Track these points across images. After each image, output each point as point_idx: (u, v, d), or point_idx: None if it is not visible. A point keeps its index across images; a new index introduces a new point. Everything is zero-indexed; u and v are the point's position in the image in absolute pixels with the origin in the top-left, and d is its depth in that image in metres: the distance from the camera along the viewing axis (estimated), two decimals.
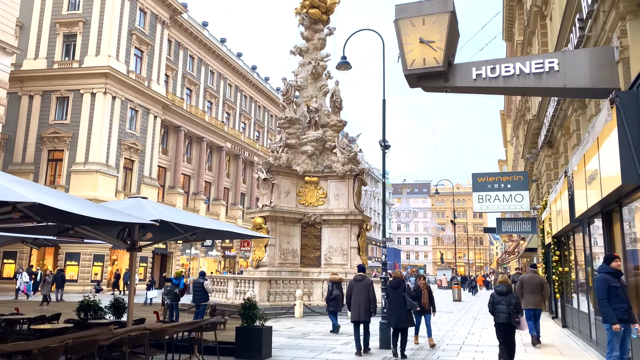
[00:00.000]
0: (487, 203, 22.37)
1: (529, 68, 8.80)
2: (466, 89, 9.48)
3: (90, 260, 32.95)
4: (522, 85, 8.92)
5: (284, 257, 21.69)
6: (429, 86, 9.53)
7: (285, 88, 23.60)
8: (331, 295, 13.77)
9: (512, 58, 9.13)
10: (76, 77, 34.83)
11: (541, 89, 8.98)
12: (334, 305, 13.66)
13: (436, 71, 9.10)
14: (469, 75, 9.20)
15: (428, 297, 11.99)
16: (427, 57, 9.12)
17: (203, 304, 14.47)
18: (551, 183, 18.03)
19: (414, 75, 9.31)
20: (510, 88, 9.18)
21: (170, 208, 8.59)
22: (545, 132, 17.28)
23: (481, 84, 9.16)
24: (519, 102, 31.55)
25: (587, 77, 8.49)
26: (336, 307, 13.68)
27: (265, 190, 22.27)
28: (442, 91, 9.65)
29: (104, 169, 33.96)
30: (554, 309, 18.04)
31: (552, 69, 8.64)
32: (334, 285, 13.97)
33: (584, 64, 8.50)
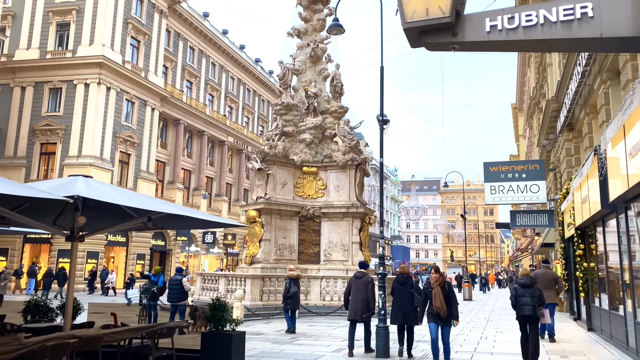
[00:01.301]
0: (500, 194, 20.66)
1: (556, 15, 7.10)
2: (478, 45, 7.79)
3: (83, 257, 31.60)
4: (548, 36, 7.22)
5: (280, 253, 20.12)
6: (433, 43, 7.82)
7: (281, 72, 22.01)
8: (288, 293, 13.10)
9: (534, 4, 7.53)
10: (69, 68, 33.49)
11: (571, 40, 7.28)
12: (292, 304, 13.01)
13: (442, 23, 7.40)
14: (482, 27, 7.50)
15: (445, 299, 8.20)
16: (430, 7, 7.43)
17: (181, 303, 12.95)
18: (572, 170, 16.33)
19: (415, 30, 7.62)
20: (532, 42, 7.48)
21: (117, 188, 7.07)
22: (565, 114, 15.57)
23: (496, 37, 7.47)
24: (533, 89, 29.75)
25: (629, 24, 6.80)
26: (294, 306, 13.07)
27: (260, 182, 20.72)
28: (449, 49, 7.94)
29: (98, 162, 32.59)
30: (575, 309, 16.31)
31: (585, 15, 6.93)
32: (291, 282, 13.25)
33: (626, 8, 6.82)
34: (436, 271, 8.52)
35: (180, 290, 12.91)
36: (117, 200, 6.23)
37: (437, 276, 8.38)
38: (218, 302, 7.98)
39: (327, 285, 18.82)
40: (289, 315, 13.04)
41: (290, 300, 13.08)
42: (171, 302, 12.97)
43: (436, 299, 8.14)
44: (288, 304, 13.07)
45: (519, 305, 8.63)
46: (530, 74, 34.18)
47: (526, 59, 35.66)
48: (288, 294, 13.11)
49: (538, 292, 8.65)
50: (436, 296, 8.16)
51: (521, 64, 42.21)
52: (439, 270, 8.58)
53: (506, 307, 22.56)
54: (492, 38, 7.50)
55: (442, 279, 8.35)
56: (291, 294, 13.07)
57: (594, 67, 12.20)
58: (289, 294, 13.10)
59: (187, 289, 13.09)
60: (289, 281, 13.42)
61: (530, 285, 8.72)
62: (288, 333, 12.64)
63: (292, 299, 13.07)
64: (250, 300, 17.09)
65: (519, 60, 42.78)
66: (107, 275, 29.32)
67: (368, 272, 10.68)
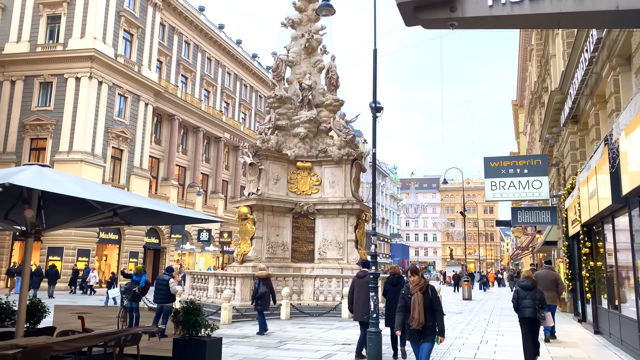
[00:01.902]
0: (500, 190, 19.90)
1: None
2: (479, 21, 7.03)
3: (74, 255, 30.86)
4: (557, 10, 6.49)
5: (273, 251, 19.38)
6: (429, 19, 7.07)
7: (275, 63, 21.25)
8: (257, 293, 12.68)
9: None
10: (60, 61, 32.69)
11: (583, 14, 6.54)
12: (262, 304, 12.54)
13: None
14: (484, 1, 6.82)
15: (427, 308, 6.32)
16: None
17: (167, 305, 12.20)
18: (577, 164, 15.58)
19: (410, 4, 6.89)
20: (539, 16, 6.73)
21: (76, 179, 6.32)
22: (570, 105, 14.81)
23: (500, 12, 6.73)
24: (534, 83, 29.00)
25: None
26: (264, 306, 12.61)
27: (252, 177, 19.98)
28: (447, 26, 7.18)
29: (89, 158, 31.82)
30: (580, 310, 15.58)
31: None
32: (260, 282, 12.79)
33: None
34: (413, 272, 6.59)
35: (167, 291, 12.15)
36: (70, 192, 5.48)
37: (417, 279, 6.49)
38: (192, 305, 7.24)
39: (321, 284, 18.08)
40: (261, 316, 12.53)
41: (259, 301, 12.62)
42: (157, 303, 12.23)
43: (415, 308, 6.26)
44: (258, 305, 12.62)
45: (520, 308, 8.66)
46: (531, 68, 33.41)
47: (527, 52, 34.90)
48: (257, 295, 12.67)
49: (539, 295, 8.65)
50: (415, 305, 6.28)
51: (522, 59, 41.47)
52: (417, 272, 6.61)
53: (507, 308, 21.83)
54: (495, 13, 6.77)
55: (424, 283, 6.49)
56: (260, 294, 12.61)
57: (602, 54, 11.45)
58: (257, 294, 12.66)
59: (174, 291, 12.32)
60: (257, 281, 12.97)
61: (531, 287, 8.72)
62: (260, 334, 12.20)
63: (262, 300, 12.61)
64: (240, 301, 16.36)
65: (520, 55, 42.03)
66: (88, 274, 28.24)
67: None
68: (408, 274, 6.60)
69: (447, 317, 17.06)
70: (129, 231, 34.96)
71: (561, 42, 17.56)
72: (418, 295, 6.35)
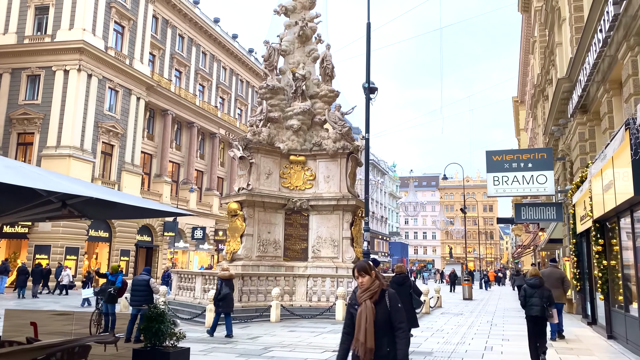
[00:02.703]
0: (503, 186, 18.96)
1: None
2: None
3: (62, 253, 29.85)
4: None
5: (264, 249, 18.41)
6: None
7: (267, 52, 20.25)
8: (219, 295, 12.10)
9: None
10: (48, 53, 31.66)
11: None
12: (224, 306, 11.95)
13: None
14: None
15: (378, 325, 4.02)
16: None
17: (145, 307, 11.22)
18: (586, 157, 14.62)
19: None
20: None
21: (10, 162, 5.36)
22: (579, 93, 13.83)
23: None
24: (537, 76, 28.05)
25: None
26: (227, 308, 12.02)
27: (243, 171, 19.01)
28: None
29: (78, 153, 30.82)
30: (589, 312, 14.62)
31: None
32: (222, 283, 12.18)
33: None
34: (362, 271, 4.15)
35: (146, 293, 11.18)
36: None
37: (367, 281, 4.12)
38: (155, 310, 6.28)
39: (314, 284, 17.12)
40: (228, 318, 11.99)
41: (221, 303, 12.01)
42: (133, 306, 11.25)
43: (360, 326, 3.99)
44: (219, 307, 12.03)
45: (528, 305, 8.65)
46: (534, 61, 32.44)
47: (530, 45, 33.94)
48: (219, 296, 12.07)
49: (547, 293, 8.66)
50: (361, 321, 3.99)
51: (524, 52, 40.50)
52: (367, 270, 4.15)
53: (510, 308, 20.90)
54: None
55: (377, 287, 4.11)
56: (222, 295, 11.99)
57: (617, 35, 10.48)
58: (219, 295, 12.06)
59: (156, 291, 11.36)
60: (220, 282, 12.29)
61: (539, 285, 8.72)
62: (229, 337, 11.65)
63: (224, 302, 11.99)
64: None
65: (522, 48, 41.06)
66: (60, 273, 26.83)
67: None
68: (354, 272, 4.20)
69: (448, 319, 16.17)
70: (119, 229, 33.99)
71: (569, 28, 16.59)
72: (367, 307, 4.00)
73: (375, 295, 4.09)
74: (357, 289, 4.22)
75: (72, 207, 6.04)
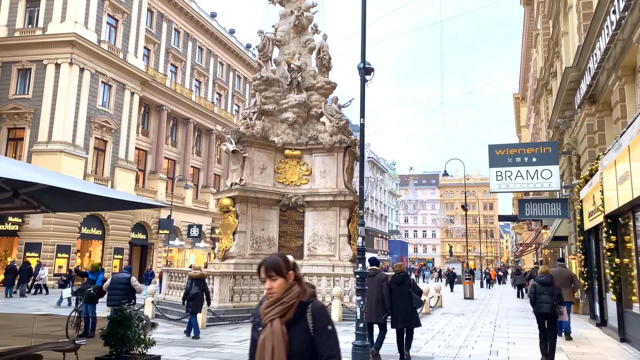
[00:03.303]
0: (506, 181, 18.27)
1: None
2: None
3: (53, 251, 29.13)
4: None
5: (258, 246, 17.69)
6: None
7: (261, 43, 19.50)
8: (187, 294, 11.82)
9: None
10: (39, 47, 30.91)
11: None
12: (193, 306, 11.60)
13: None
14: None
15: (293, 357, 2.65)
16: None
17: None
18: (594, 149, 13.90)
19: None
20: None
21: None
22: (588, 82, 13.11)
23: None
24: (540, 70, 27.30)
25: None
26: (195, 308, 11.68)
27: (235, 166, 18.27)
28: None
29: (70, 149, 30.08)
30: (598, 312, 13.91)
31: None
32: (192, 283, 11.82)
33: None
34: (272, 270, 2.74)
35: (126, 293, 10.46)
36: None
37: (278, 287, 2.70)
38: (121, 313, 5.56)
39: None
40: (194, 318, 11.61)
41: (191, 303, 11.65)
42: (112, 306, 10.51)
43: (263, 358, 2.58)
44: (189, 306, 11.66)
45: (538, 303, 8.69)
46: (536, 55, 31.71)
47: (532, 38, 33.21)
48: (188, 296, 11.73)
49: (557, 291, 8.69)
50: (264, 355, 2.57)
51: (526, 47, 39.75)
52: (279, 269, 2.73)
53: (513, 308, 20.20)
54: None
55: (295, 297, 2.68)
56: (191, 295, 11.61)
57: (632, 16, 9.76)
58: (188, 295, 11.71)
59: (139, 290, 10.64)
60: (190, 281, 11.88)
61: (550, 283, 8.76)
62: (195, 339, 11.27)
63: (194, 301, 11.63)
64: (219, 302, 14.67)
65: (524, 42, 40.31)
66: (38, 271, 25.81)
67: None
68: (260, 272, 2.79)
69: (449, 320, 15.46)
70: (113, 226, 33.26)
71: (576, 15, 15.86)
72: (274, 331, 2.59)
73: (290, 312, 2.62)
74: (264, 301, 2.74)
75: (27, 197, 5.32)
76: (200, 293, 11.76)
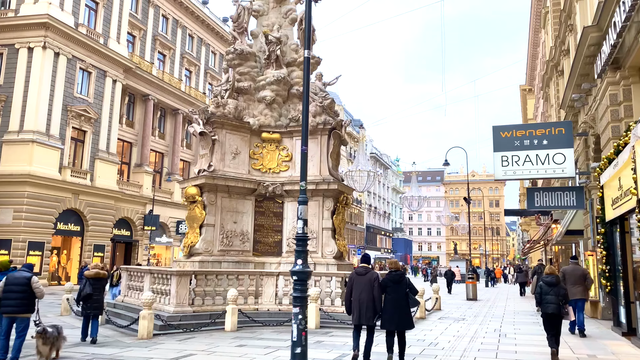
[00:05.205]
0: (514, 167, 16.07)
1: None
2: None
3: (24, 248, 27.06)
4: None
5: (228, 242, 15.51)
6: None
7: (236, 12, 17.34)
8: (80, 296, 10.83)
9: None
10: (11, 30, 28.85)
11: None
12: (90, 308, 10.61)
13: None
14: None
15: None
16: None
17: (23, 316, 8.37)
18: (618, 124, 11.65)
19: None
20: None
21: None
22: (612, 42, 10.85)
23: None
24: (550, 50, 25.00)
25: None
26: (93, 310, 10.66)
27: (204, 150, 16.11)
28: None
29: (43, 138, 28.03)
30: (623, 319, 11.66)
31: None
32: (86, 282, 10.76)
33: None
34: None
35: (25, 296, 8.33)
36: None
37: None
38: None
39: (285, 284, 14.21)
40: (86, 322, 10.66)
41: (88, 305, 10.63)
42: (6, 313, 8.35)
43: None
44: (85, 309, 10.67)
45: (544, 303, 8.77)
46: (546, 36, 29.39)
47: (541, 18, 30.86)
48: (79, 297, 10.80)
49: (563, 291, 8.80)
50: None
51: (533, 32, 37.40)
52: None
53: (521, 311, 17.96)
54: None
55: None
56: (83, 296, 10.61)
57: None
58: (80, 296, 10.75)
59: (40, 294, 8.47)
60: (84, 281, 10.83)
61: (555, 283, 8.83)
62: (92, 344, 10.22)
63: (89, 303, 10.59)
64: (176, 305, 12.53)
65: (531, 27, 37.95)
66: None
67: None
68: None
69: (448, 325, 13.25)
70: (92, 222, 31.20)
71: None
72: None
73: None
74: None
75: None
76: (93, 294, 10.64)
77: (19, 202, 26.90)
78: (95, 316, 10.64)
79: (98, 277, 10.82)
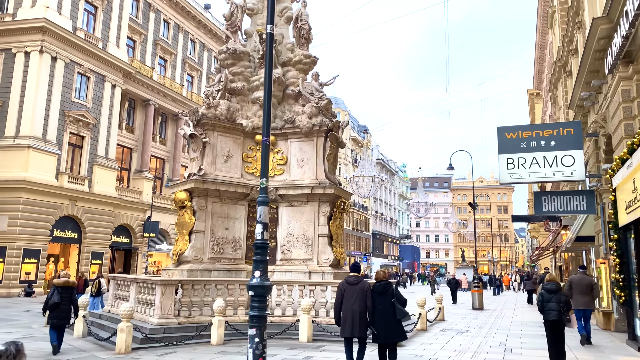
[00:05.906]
0: (519, 169, 15.22)
1: None
2: None
3: (19, 256, 26.52)
4: None
5: (219, 249, 14.80)
6: None
7: (229, 11, 16.71)
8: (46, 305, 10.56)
9: None
10: (8, 34, 28.49)
11: None
12: (57, 317, 10.34)
13: None
14: None
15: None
16: None
17: None
18: (632, 122, 10.83)
19: None
20: None
21: None
22: (624, 33, 10.05)
23: None
24: (557, 49, 24.18)
25: None
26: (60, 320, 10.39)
27: (195, 153, 15.48)
28: None
29: (39, 144, 27.54)
30: (638, 332, 10.78)
31: None
32: (55, 291, 10.49)
33: None
34: None
35: None
36: None
37: None
38: None
39: (278, 294, 13.45)
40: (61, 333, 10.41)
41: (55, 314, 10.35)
42: None
43: None
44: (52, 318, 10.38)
45: (545, 310, 8.71)
46: (553, 37, 28.58)
47: (548, 18, 30.05)
48: (46, 306, 10.58)
49: (564, 298, 8.71)
50: None
51: (541, 33, 36.60)
52: None
53: (528, 322, 17.06)
54: None
55: None
56: (50, 304, 10.30)
57: None
58: (46, 306, 10.51)
59: None
60: (53, 289, 10.54)
61: (556, 290, 8.77)
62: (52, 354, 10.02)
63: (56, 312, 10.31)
64: (160, 317, 11.81)
65: (538, 30, 37.15)
66: None
67: None
68: None
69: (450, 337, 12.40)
70: (90, 229, 30.63)
71: None
72: None
73: None
74: None
75: None
76: (60, 303, 10.33)
77: (14, 209, 26.39)
78: (62, 326, 10.39)
79: (67, 286, 10.55)
